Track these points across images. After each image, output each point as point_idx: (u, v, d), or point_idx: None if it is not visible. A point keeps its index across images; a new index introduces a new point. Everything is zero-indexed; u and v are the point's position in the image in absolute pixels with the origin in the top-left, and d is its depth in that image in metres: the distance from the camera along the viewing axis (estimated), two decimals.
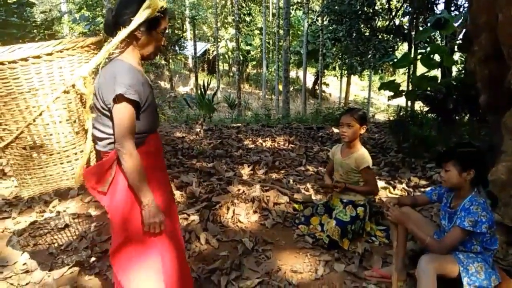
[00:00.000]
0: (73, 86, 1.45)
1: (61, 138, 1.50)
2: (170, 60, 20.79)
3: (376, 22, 13.91)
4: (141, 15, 1.44)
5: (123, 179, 1.53)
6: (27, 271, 2.47)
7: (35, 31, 5.28)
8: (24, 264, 2.54)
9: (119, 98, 1.42)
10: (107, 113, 1.49)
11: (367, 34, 14.02)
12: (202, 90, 9.72)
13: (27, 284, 2.36)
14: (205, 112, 9.51)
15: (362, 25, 13.53)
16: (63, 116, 1.48)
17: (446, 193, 2.23)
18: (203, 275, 2.40)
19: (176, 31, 20.66)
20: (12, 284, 2.36)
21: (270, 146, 6.02)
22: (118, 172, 1.54)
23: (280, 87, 16.65)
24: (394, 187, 3.91)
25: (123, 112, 1.44)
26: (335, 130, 7.30)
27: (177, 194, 3.57)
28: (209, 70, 27.28)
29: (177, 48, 18.94)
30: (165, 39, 1.57)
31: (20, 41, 4.80)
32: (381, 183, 3.89)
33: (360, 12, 12.86)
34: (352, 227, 2.74)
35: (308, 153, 5.43)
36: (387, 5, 13.71)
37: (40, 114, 1.43)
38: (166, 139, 6.15)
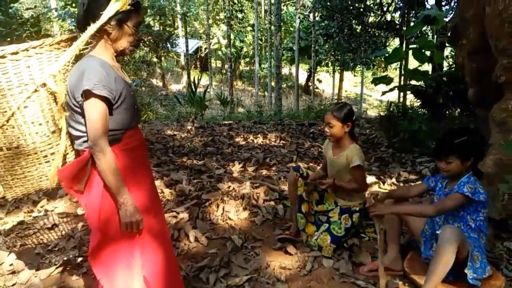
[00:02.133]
0: (44, 85, 1.42)
1: (36, 139, 1.47)
2: (162, 58, 20.62)
3: (368, 17, 13.93)
4: (110, 9, 1.40)
5: (98, 178, 1.49)
6: (13, 272, 2.44)
7: (21, 28, 5.18)
8: (11, 264, 2.50)
9: (87, 94, 1.39)
10: (79, 110, 1.46)
11: (358, 29, 14.04)
12: (193, 87, 9.66)
13: (13, 285, 2.33)
14: (197, 110, 9.47)
15: (353, 21, 13.54)
16: (36, 116, 1.45)
17: (441, 179, 2.25)
18: (191, 273, 2.38)
19: (167, 28, 20.49)
20: None
21: (262, 143, 6.00)
22: (93, 171, 1.51)
23: (273, 84, 16.62)
24: (384, 182, 3.91)
25: (92, 109, 1.40)
26: None
27: (167, 192, 3.54)
28: (202, 68, 27.14)
29: (168, 45, 18.81)
30: (141, 34, 1.53)
31: (9, 39, 4.72)
32: (371, 178, 3.89)
33: (351, 7, 12.87)
34: (347, 238, 2.65)
35: (299, 150, 5.42)
36: (378, 0, 13.74)
37: (12, 115, 1.40)
38: (157, 137, 6.11)
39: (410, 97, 7.86)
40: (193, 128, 6.93)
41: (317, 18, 17.23)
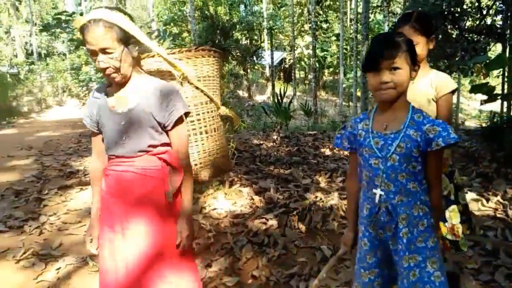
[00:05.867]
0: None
1: None
2: (248, 70, 21.41)
3: (465, 22, 12.90)
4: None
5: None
6: None
7: None
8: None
9: None
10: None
11: (454, 35, 13.08)
12: (279, 98, 9.86)
13: None
14: (282, 120, 9.62)
15: (448, 26, 12.65)
16: None
17: (361, 121, 1.54)
18: (282, 279, 2.44)
19: (254, 42, 21.24)
20: None
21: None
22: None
23: (358, 94, 16.17)
24: (488, 200, 3.58)
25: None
26: None
27: (256, 199, 3.67)
28: (285, 78, 27.51)
29: (255, 58, 19.46)
30: (98, 62, 1.46)
31: None
32: (472, 195, 3.60)
33: (446, 12, 12.05)
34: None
35: None
36: (477, 4, 12.67)
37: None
38: (245, 146, 6.34)
39: None
40: (279, 138, 7.06)
41: None
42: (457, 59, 13.32)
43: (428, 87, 1.84)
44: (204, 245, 2.93)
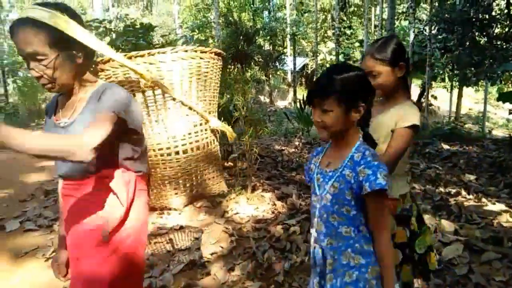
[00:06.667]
0: None
1: None
2: (270, 76, 21.49)
3: (493, 29, 12.58)
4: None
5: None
6: (150, 266, 2.80)
7: None
8: (147, 259, 2.88)
9: None
10: None
11: (482, 42, 12.78)
12: (301, 104, 9.85)
13: (149, 277, 2.67)
14: (304, 126, 9.60)
15: (476, 33, 12.37)
16: None
17: (317, 155, 1.45)
18: (304, 286, 2.45)
19: (277, 48, 21.32)
20: None
21: None
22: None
23: None
24: None
25: None
26: (445, 146, 6.76)
27: (278, 204, 3.68)
28: (307, 84, 27.43)
29: (277, 64, 19.52)
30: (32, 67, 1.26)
31: None
32: (500, 206, 3.50)
33: (474, 19, 11.80)
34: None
35: (414, 170, 5.13)
36: (506, 10, 12.34)
37: None
38: (266, 151, 6.37)
39: None
40: (301, 144, 7.06)
41: (433, 31, 16.16)
42: (485, 67, 13.00)
43: (389, 119, 1.65)
44: (227, 249, 2.97)
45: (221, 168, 1.93)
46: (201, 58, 1.81)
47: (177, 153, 1.68)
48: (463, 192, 4.07)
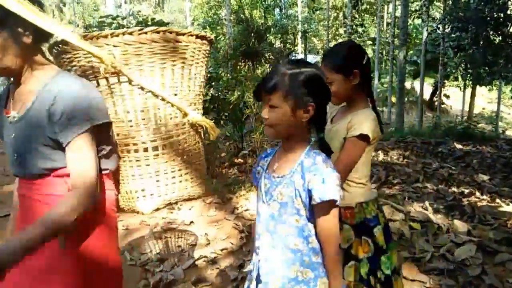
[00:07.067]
0: None
1: None
2: None
3: (508, 28, 12.37)
4: None
5: None
6: (160, 260, 2.82)
7: None
8: (158, 253, 2.90)
9: None
10: None
11: (497, 41, 12.58)
12: None
13: (160, 271, 2.69)
14: None
15: (491, 32, 12.18)
16: None
17: (265, 158, 1.33)
18: None
19: (288, 45, 21.25)
20: (148, 269, 2.72)
21: (383, 160, 5.79)
22: None
23: (393, 99, 15.79)
24: None
25: None
26: (458, 146, 6.68)
27: None
28: None
29: None
30: None
31: None
32: None
33: (488, 18, 11.61)
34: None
35: (426, 169, 5.08)
36: None
37: None
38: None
39: None
40: None
41: (447, 30, 15.95)
42: (500, 66, 12.80)
43: (343, 127, 1.54)
44: (237, 245, 2.98)
45: (203, 169, 1.62)
46: (177, 41, 1.52)
47: (145, 150, 1.43)
48: (477, 193, 4.02)
